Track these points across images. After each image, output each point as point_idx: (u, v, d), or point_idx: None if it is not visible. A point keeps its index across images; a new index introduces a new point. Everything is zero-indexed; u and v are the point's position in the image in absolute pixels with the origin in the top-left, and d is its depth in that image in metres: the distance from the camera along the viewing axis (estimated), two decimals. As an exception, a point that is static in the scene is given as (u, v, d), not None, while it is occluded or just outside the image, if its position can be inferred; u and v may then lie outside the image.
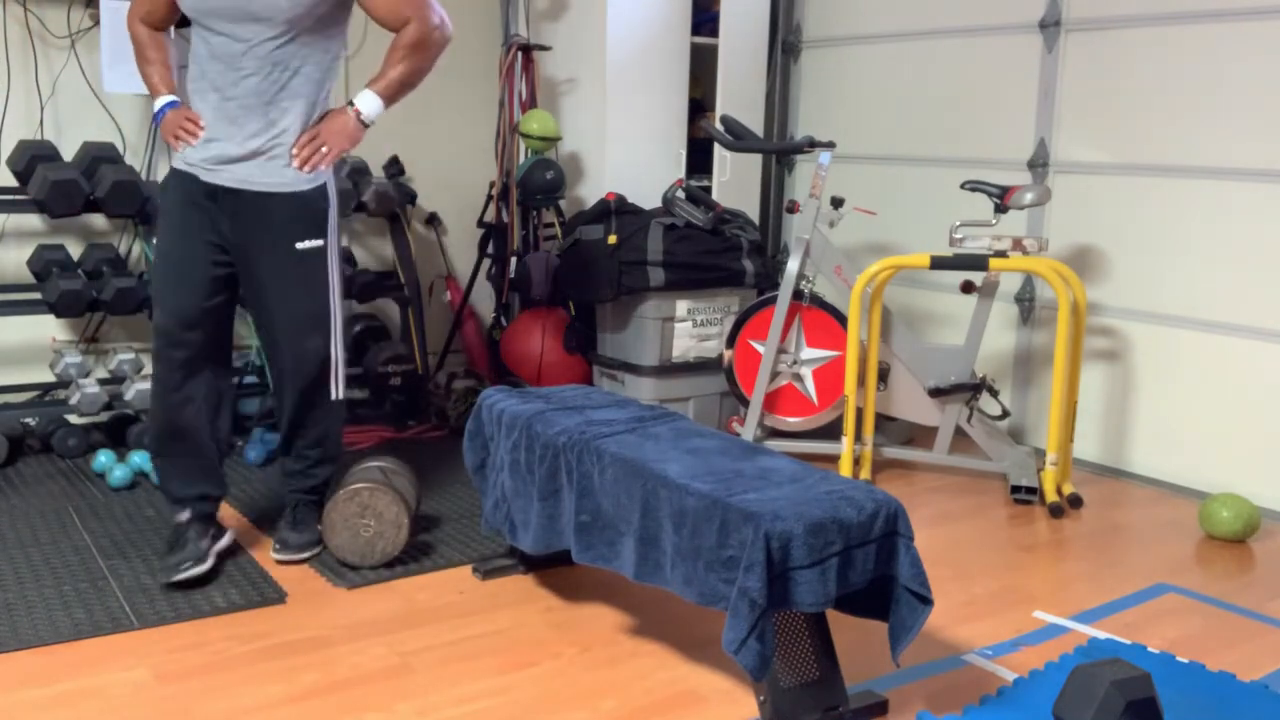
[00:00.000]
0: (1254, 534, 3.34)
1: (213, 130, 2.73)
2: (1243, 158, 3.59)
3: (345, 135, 2.78)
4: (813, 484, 2.21)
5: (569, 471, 2.47)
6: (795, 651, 2.18)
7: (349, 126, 2.78)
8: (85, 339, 4.01)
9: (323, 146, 2.75)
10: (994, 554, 3.18)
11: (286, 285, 2.77)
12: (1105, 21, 3.91)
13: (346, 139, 2.78)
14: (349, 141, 2.79)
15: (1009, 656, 2.52)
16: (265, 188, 2.72)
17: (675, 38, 4.58)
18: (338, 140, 2.77)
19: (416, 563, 2.94)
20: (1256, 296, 3.59)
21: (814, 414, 4.01)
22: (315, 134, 2.75)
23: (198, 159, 2.74)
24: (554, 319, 4.38)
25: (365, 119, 2.79)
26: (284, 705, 2.21)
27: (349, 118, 2.78)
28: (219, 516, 2.93)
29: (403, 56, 2.77)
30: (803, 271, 3.88)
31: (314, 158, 2.75)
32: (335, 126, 2.77)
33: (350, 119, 2.78)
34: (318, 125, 2.77)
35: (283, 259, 2.75)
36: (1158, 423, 3.88)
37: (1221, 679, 2.41)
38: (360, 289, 4.25)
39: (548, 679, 2.36)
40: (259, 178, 2.72)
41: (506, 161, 4.56)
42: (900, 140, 4.65)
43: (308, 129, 2.76)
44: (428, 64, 2.83)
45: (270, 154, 2.72)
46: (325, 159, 2.77)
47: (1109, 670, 1.94)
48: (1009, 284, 4.23)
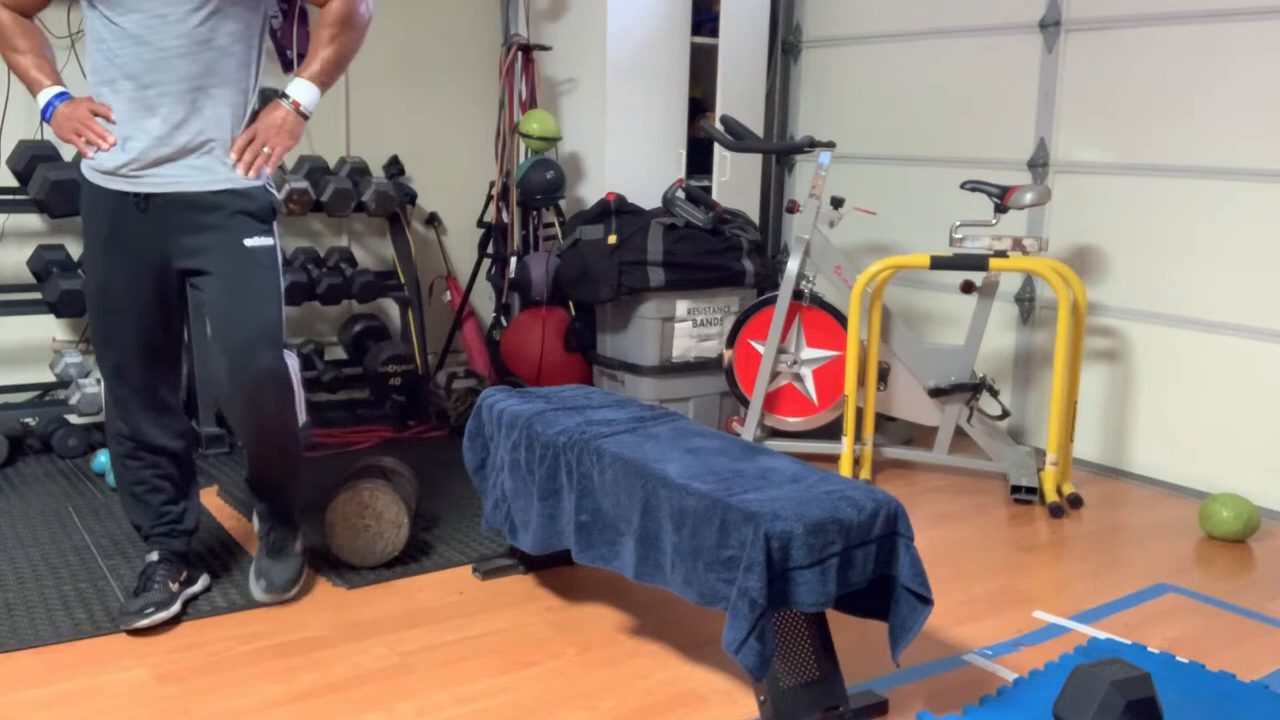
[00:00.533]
0: (1254, 534, 3.34)
1: (127, 125, 2.39)
2: (1243, 158, 3.59)
3: (286, 131, 2.50)
4: (813, 484, 2.21)
5: (569, 471, 2.47)
6: (795, 651, 2.18)
7: (289, 121, 2.51)
8: (85, 339, 4.01)
9: (264, 147, 2.48)
10: (994, 554, 3.18)
11: (236, 292, 2.44)
12: (1105, 21, 3.91)
13: (288, 135, 2.51)
14: (291, 138, 2.52)
15: (1009, 656, 2.52)
16: (203, 187, 2.42)
17: (675, 38, 4.58)
18: (280, 138, 2.49)
19: (416, 563, 2.93)
20: (1256, 296, 3.59)
21: (814, 414, 4.01)
22: (253, 134, 2.48)
23: (116, 165, 2.40)
24: (554, 319, 4.38)
25: (305, 111, 2.52)
26: (284, 705, 2.21)
27: (287, 112, 2.51)
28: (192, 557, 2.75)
29: (333, 35, 2.51)
30: (803, 271, 3.88)
31: (257, 160, 2.48)
32: (274, 123, 2.50)
33: (289, 113, 2.51)
34: (254, 125, 2.49)
35: (231, 260, 2.44)
36: (1158, 423, 3.88)
37: (1221, 679, 2.41)
38: (360, 289, 4.25)
39: (548, 679, 2.36)
40: (194, 178, 2.42)
41: (506, 161, 4.56)
42: (900, 140, 4.65)
43: (243, 130, 2.48)
44: (357, 41, 2.56)
45: (203, 150, 2.42)
46: (270, 161, 2.50)
47: (1109, 670, 1.94)
48: (1009, 284, 4.23)
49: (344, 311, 4.55)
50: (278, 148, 2.50)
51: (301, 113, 2.52)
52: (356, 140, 4.55)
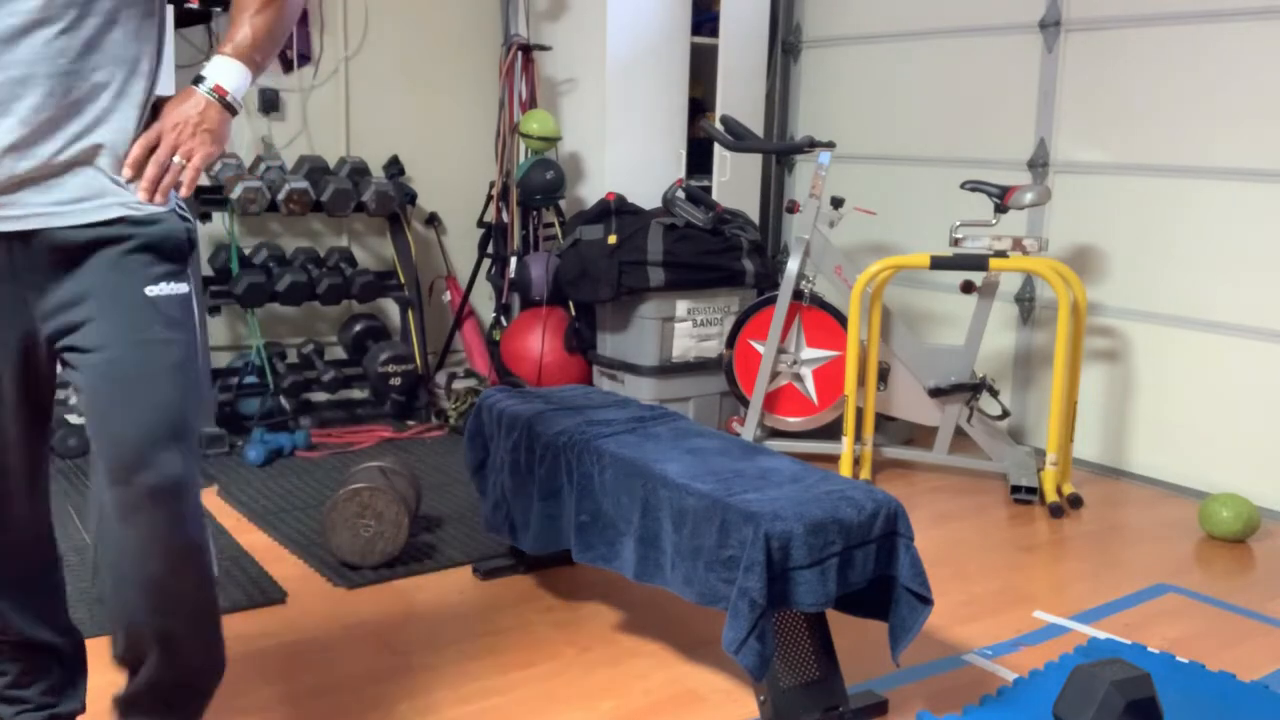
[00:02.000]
0: (1254, 534, 3.34)
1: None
2: (1243, 158, 3.59)
3: (206, 131, 1.63)
4: (813, 484, 2.21)
5: (569, 471, 2.47)
6: (795, 651, 2.18)
7: (210, 116, 1.64)
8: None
9: (175, 156, 1.61)
10: (994, 554, 3.18)
11: (129, 360, 1.59)
12: (1105, 21, 3.91)
13: (208, 137, 1.64)
14: (213, 141, 1.65)
15: (1009, 656, 2.52)
16: (84, 218, 1.58)
17: (675, 38, 4.58)
18: (198, 141, 1.63)
19: (417, 563, 2.93)
20: (1256, 296, 3.59)
21: (814, 414, 4.01)
22: (157, 136, 1.62)
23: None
24: (554, 319, 4.39)
25: (232, 101, 1.66)
26: (284, 705, 2.21)
27: (207, 101, 1.64)
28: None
29: (264, 3, 1.69)
30: (803, 271, 3.88)
31: (166, 178, 1.61)
32: (187, 119, 1.63)
33: (209, 104, 1.64)
34: (158, 122, 1.65)
35: (122, 321, 1.59)
36: (1158, 423, 3.88)
37: (1221, 679, 2.41)
38: (360, 289, 4.25)
39: (548, 679, 2.36)
40: (71, 209, 1.57)
41: (506, 161, 4.56)
42: (900, 140, 4.65)
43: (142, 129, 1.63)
44: (294, 10, 1.76)
45: (83, 163, 1.58)
46: (187, 175, 1.62)
47: (1109, 670, 1.94)
48: (1009, 284, 4.23)
49: (344, 311, 4.55)
50: (196, 155, 1.62)
51: (228, 104, 1.66)
52: (356, 140, 4.55)
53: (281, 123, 4.38)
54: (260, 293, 4.02)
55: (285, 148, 4.37)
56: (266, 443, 3.79)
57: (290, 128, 4.40)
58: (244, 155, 4.20)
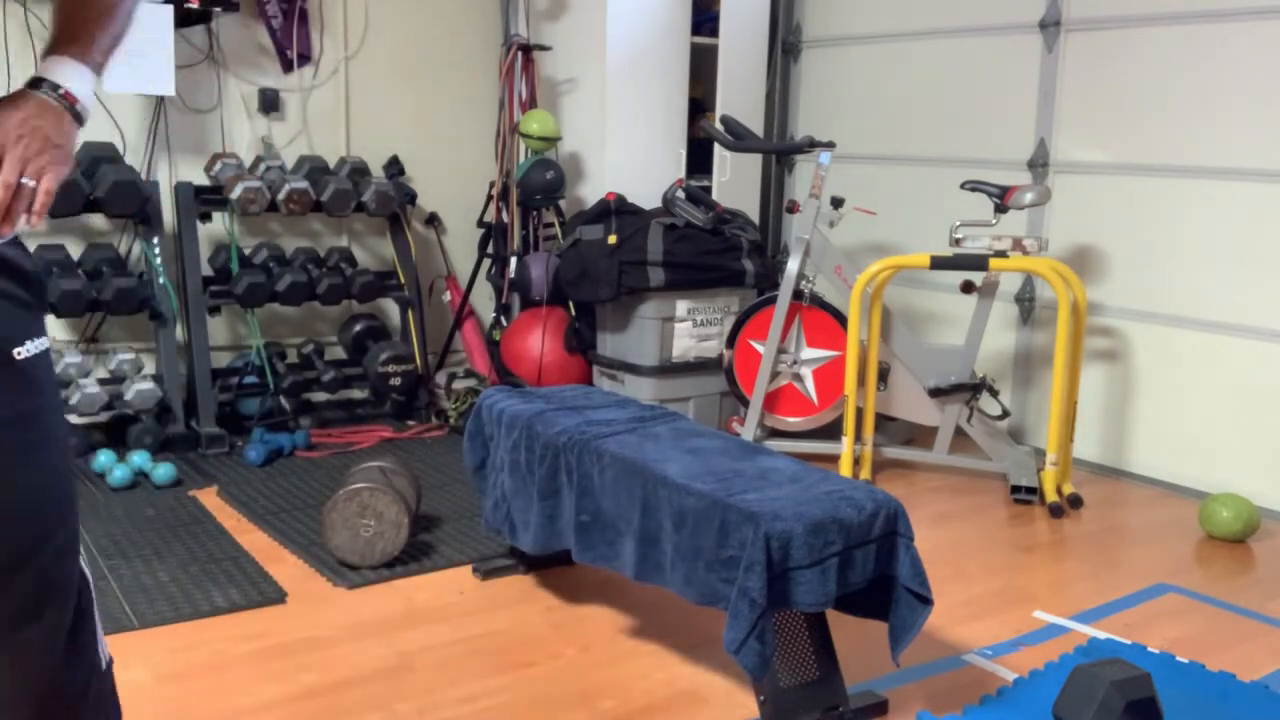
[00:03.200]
0: (1254, 534, 3.34)
1: None
2: (1243, 158, 3.59)
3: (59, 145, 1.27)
4: (813, 484, 2.21)
5: (569, 471, 2.47)
6: (795, 651, 2.18)
7: (64, 127, 1.29)
8: (85, 339, 4.01)
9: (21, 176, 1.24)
10: (994, 554, 3.18)
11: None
12: (1105, 21, 3.91)
13: (62, 154, 1.28)
14: (66, 159, 1.29)
15: (1009, 656, 2.52)
16: None
17: (675, 38, 4.58)
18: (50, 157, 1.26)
19: (417, 563, 2.93)
20: (1256, 296, 3.59)
21: (814, 414, 4.01)
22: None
23: None
24: (554, 319, 4.38)
25: (82, 110, 1.31)
26: (284, 705, 2.21)
27: (52, 107, 1.28)
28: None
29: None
30: (803, 271, 3.88)
31: (16, 203, 1.25)
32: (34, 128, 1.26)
33: (59, 111, 1.28)
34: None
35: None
36: (1158, 423, 3.88)
37: (1221, 679, 2.41)
38: (360, 289, 4.25)
39: (548, 679, 2.36)
40: None
41: (506, 161, 4.56)
42: (900, 140, 4.65)
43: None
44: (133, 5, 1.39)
45: None
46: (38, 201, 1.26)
47: (1109, 670, 1.94)
48: (1009, 284, 4.23)
49: (344, 311, 4.55)
50: (47, 176, 1.26)
51: (78, 114, 1.31)
52: (356, 140, 4.54)
53: (281, 123, 4.38)
54: (260, 293, 4.02)
55: (285, 148, 4.37)
56: (266, 443, 3.79)
57: (290, 128, 4.40)
58: (244, 155, 4.20)
